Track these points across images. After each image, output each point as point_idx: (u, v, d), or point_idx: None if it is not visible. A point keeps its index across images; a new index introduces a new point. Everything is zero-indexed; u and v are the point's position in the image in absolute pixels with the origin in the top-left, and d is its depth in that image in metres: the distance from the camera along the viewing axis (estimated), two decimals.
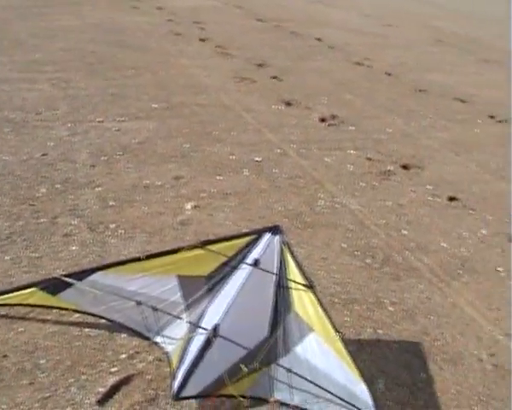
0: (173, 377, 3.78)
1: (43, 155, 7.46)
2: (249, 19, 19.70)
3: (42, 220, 5.92)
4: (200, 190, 7.01)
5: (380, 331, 5.02)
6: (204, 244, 3.78)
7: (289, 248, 3.68)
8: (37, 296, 4.17)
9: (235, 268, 3.84)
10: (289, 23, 19.55)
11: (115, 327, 4.33)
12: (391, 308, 5.36)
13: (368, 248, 6.30)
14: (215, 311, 3.85)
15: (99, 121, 8.65)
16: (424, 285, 5.81)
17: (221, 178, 7.46)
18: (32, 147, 7.67)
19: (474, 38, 21.61)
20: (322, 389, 3.59)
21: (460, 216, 7.44)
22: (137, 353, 4.32)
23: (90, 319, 4.42)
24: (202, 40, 15.37)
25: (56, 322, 4.48)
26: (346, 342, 3.47)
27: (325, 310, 3.51)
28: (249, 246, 3.78)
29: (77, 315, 4.48)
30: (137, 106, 9.56)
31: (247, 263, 3.75)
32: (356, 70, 14.70)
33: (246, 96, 11.17)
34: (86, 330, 4.46)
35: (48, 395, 3.86)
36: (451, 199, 7.90)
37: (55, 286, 4.10)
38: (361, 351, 4.70)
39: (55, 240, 5.53)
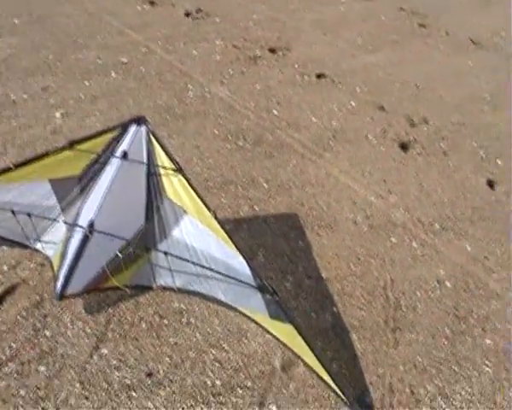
0: (56, 279, 3.69)
1: None
2: None
3: None
4: (68, 97, 6.68)
5: (256, 208, 5.00)
6: (72, 145, 3.59)
7: (156, 137, 3.60)
8: None
9: (105, 164, 3.71)
10: None
11: None
12: (265, 185, 5.34)
13: (239, 132, 6.21)
14: (89, 208, 3.72)
15: None
16: (297, 160, 5.81)
17: (89, 83, 7.12)
18: None
19: None
20: (202, 266, 3.56)
21: (329, 91, 7.45)
22: (19, 262, 4.19)
23: None
24: None
25: None
26: (222, 221, 3.39)
27: (197, 192, 3.43)
28: (116, 140, 3.67)
29: None
30: None
31: (116, 156, 3.64)
32: None
33: (109, 1, 10.59)
34: None
35: None
36: (320, 76, 7.89)
37: None
38: (239, 229, 4.69)
39: None
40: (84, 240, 3.56)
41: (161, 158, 3.62)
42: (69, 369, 3.46)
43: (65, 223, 3.88)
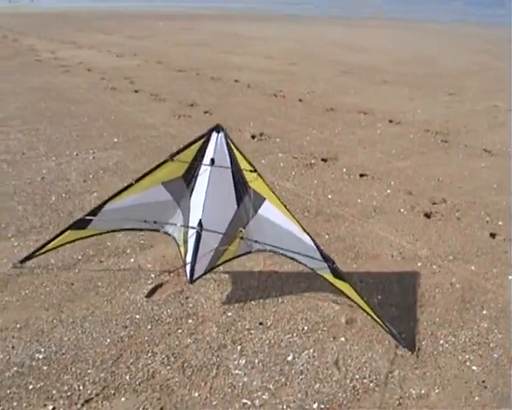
0: (185, 267, 5.50)
1: (42, 178, 9.26)
2: (171, 71, 21.62)
3: (62, 215, 7.81)
4: None
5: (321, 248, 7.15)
6: (172, 157, 5.18)
7: (233, 142, 4.88)
8: (73, 235, 5.60)
9: (199, 166, 5.17)
10: (207, 70, 21.61)
11: (141, 256, 6.43)
12: (326, 236, 7.53)
13: (304, 208, 8.48)
14: (196, 208, 5.29)
15: (76, 154, 10.56)
16: (348, 223, 8.01)
17: None
18: (29, 174, 9.26)
19: (372, 66, 24.53)
20: (280, 231, 5.05)
21: (370, 184, 9.74)
22: (162, 272, 6.34)
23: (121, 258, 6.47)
24: (136, 91, 17.24)
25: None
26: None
27: (270, 187, 4.95)
28: (204, 147, 5.04)
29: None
30: (102, 141, 11.54)
31: (206, 164, 5.05)
32: (273, 100, 16.95)
33: (186, 128, 13.22)
34: (122, 265, 6.45)
35: (110, 297, 5.85)
36: (362, 175, 10.19)
37: (82, 223, 5.49)
38: None
39: None
40: (198, 237, 5.20)
41: (241, 160, 4.81)
42: (208, 322, 5.51)
43: (181, 226, 5.52)
